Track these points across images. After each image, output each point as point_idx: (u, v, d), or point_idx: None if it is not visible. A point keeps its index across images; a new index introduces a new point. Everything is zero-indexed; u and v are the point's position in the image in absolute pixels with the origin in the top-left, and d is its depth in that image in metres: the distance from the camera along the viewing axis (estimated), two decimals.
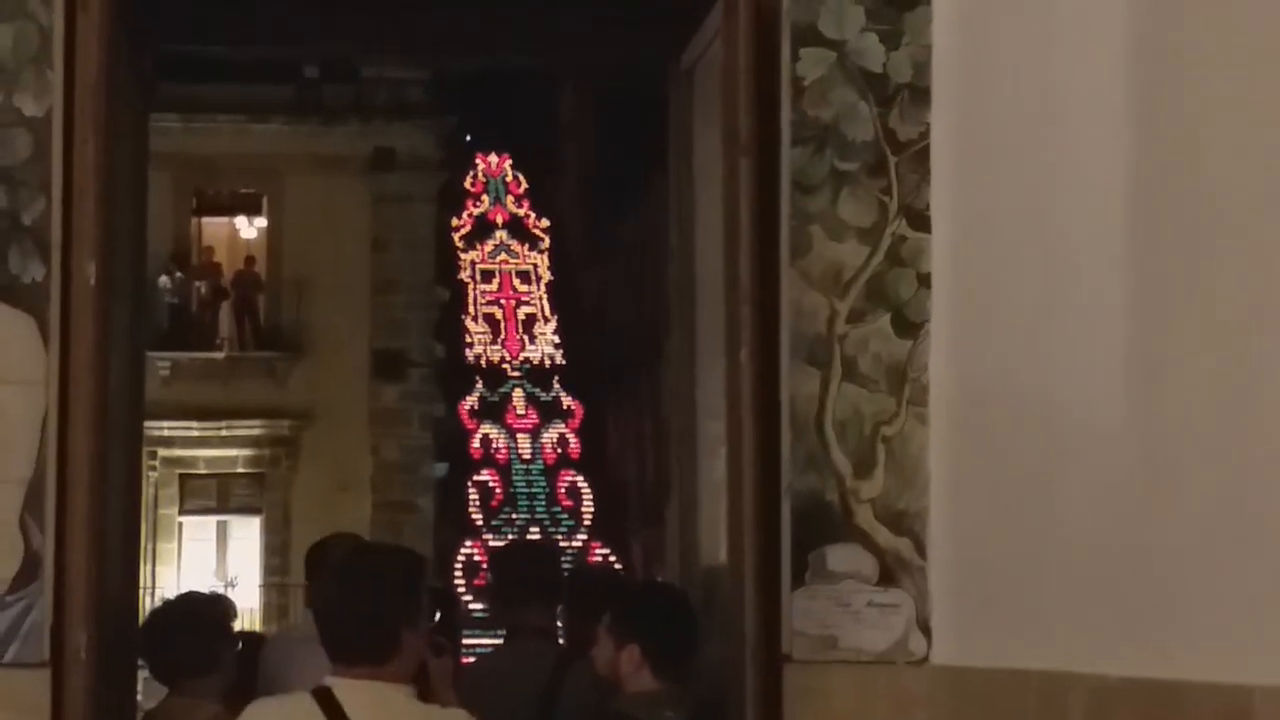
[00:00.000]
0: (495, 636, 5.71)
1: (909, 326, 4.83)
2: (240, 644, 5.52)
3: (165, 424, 25.10)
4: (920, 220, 4.84)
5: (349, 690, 3.74)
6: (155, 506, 25.55)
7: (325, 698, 3.73)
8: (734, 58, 4.80)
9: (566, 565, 5.66)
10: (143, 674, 5.49)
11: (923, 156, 4.85)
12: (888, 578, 4.78)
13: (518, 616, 5.35)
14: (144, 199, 5.40)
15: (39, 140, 4.63)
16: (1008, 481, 4.51)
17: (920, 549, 4.79)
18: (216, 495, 26.46)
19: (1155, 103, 3.93)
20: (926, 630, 4.77)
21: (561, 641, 5.48)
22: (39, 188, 4.62)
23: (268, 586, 23.35)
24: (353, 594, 3.81)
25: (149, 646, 5.18)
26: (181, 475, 26.31)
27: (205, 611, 5.29)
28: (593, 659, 4.73)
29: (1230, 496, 3.58)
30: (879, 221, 4.84)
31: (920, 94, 4.85)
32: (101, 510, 4.60)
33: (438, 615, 4.72)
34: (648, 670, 4.55)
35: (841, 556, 4.77)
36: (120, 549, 4.96)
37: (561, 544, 29.97)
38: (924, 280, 4.83)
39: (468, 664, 5.41)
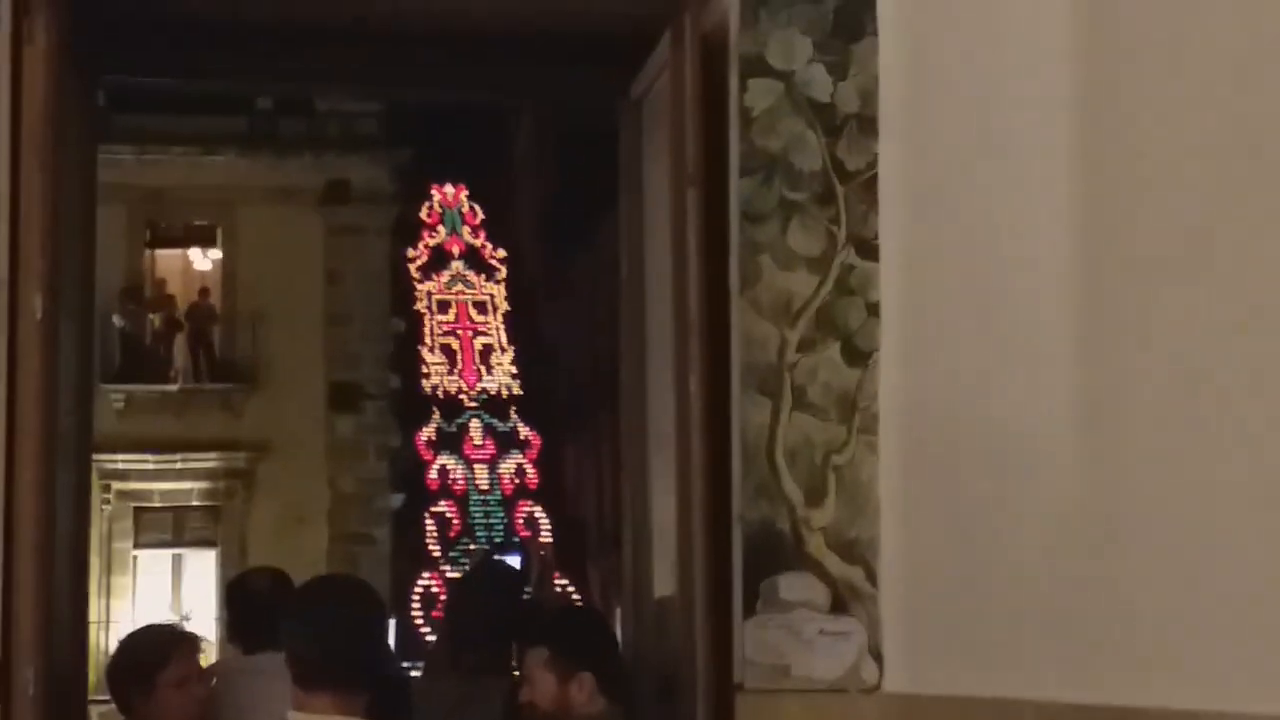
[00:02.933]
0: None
1: (858, 355, 4.84)
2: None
3: (120, 457, 24.97)
4: (869, 249, 4.86)
5: None
6: (109, 540, 25.40)
7: None
8: (681, 88, 4.83)
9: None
10: (97, 709, 5.44)
11: (870, 186, 4.86)
12: (839, 606, 4.78)
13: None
14: (93, 231, 5.37)
15: None
16: (958, 510, 4.52)
17: (871, 577, 4.79)
18: (172, 528, 26.32)
19: (1100, 134, 3.97)
20: (879, 658, 4.77)
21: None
22: None
23: (223, 619, 23.21)
24: (321, 625, 3.76)
25: (112, 680, 5.12)
26: (136, 508, 26.16)
27: (169, 644, 5.23)
28: (529, 698, 4.67)
29: (1179, 525, 3.60)
30: (828, 251, 4.85)
31: (868, 123, 4.87)
32: (49, 544, 4.57)
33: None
34: (600, 696, 4.55)
35: (793, 585, 4.77)
36: (69, 583, 4.92)
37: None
38: (873, 309, 4.84)
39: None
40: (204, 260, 27.01)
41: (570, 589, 28.04)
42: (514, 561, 5.81)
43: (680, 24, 4.86)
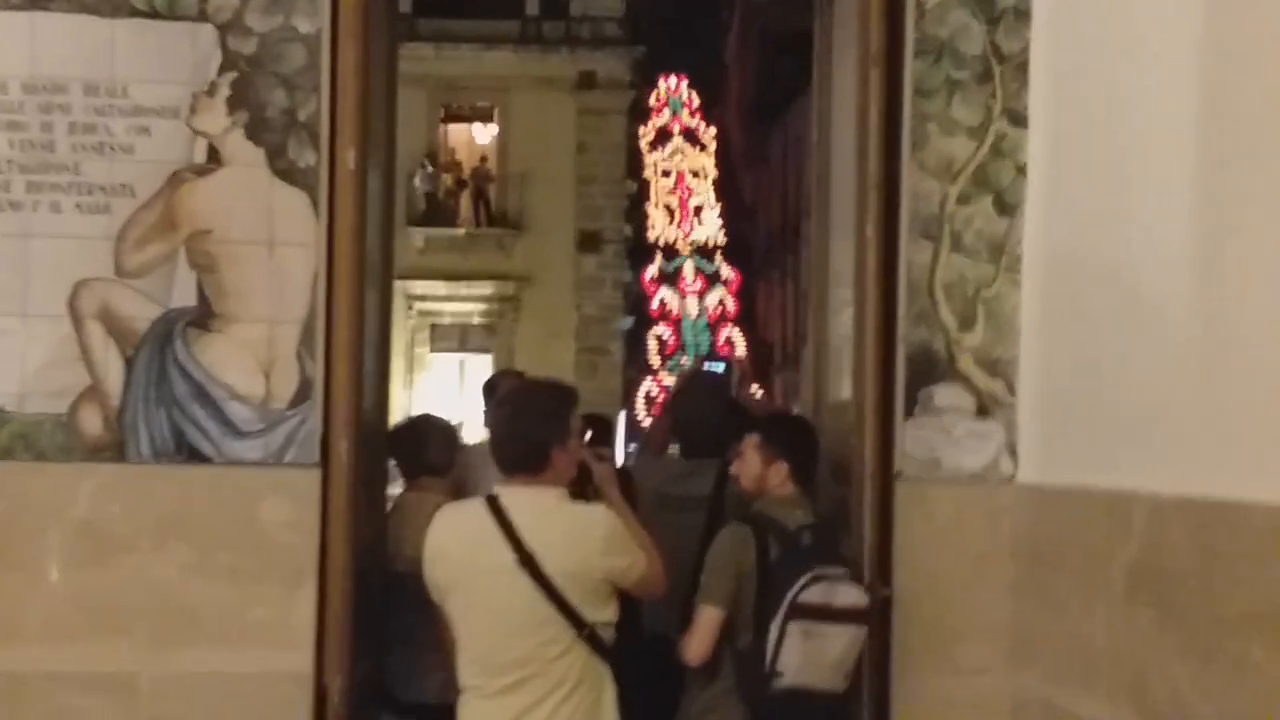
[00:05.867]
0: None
1: (1007, 207, 4.56)
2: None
3: (420, 283, 25.30)
4: (1019, 119, 4.55)
5: (511, 495, 3.69)
6: (412, 346, 25.85)
7: (493, 502, 3.68)
8: None
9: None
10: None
11: (1023, 66, 4.55)
12: (983, 411, 4.56)
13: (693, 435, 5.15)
14: (394, 106, 5.23)
15: (311, 52, 4.50)
16: (1087, 333, 4.25)
17: (1011, 388, 4.56)
18: (458, 339, 26.73)
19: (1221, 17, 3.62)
20: (1014, 454, 4.54)
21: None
22: (311, 90, 4.49)
23: None
24: (511, 419, 3.74)
25: (404, 450, 5.10)
26: (432, 324, 26.61)
27: (446, 428, 5.20)
28: (737, 471, 4.54)
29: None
30: (984, 120, 4.56)
31: (1022, 14, 4.55)
32: (360, 345, 4.52)
33: (589, 434, 4.54)
34: (790, 482, 4.39)
35: (945, 394, 4.55)
36: (375, 376, 4.88)
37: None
38: (1021, 169, 4.55)
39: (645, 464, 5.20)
40: (484, 134, 27.08)
41: (761, 393, 28.05)
42: (719, 370, 5.63)
43: None
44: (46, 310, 4.39)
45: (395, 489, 5.23)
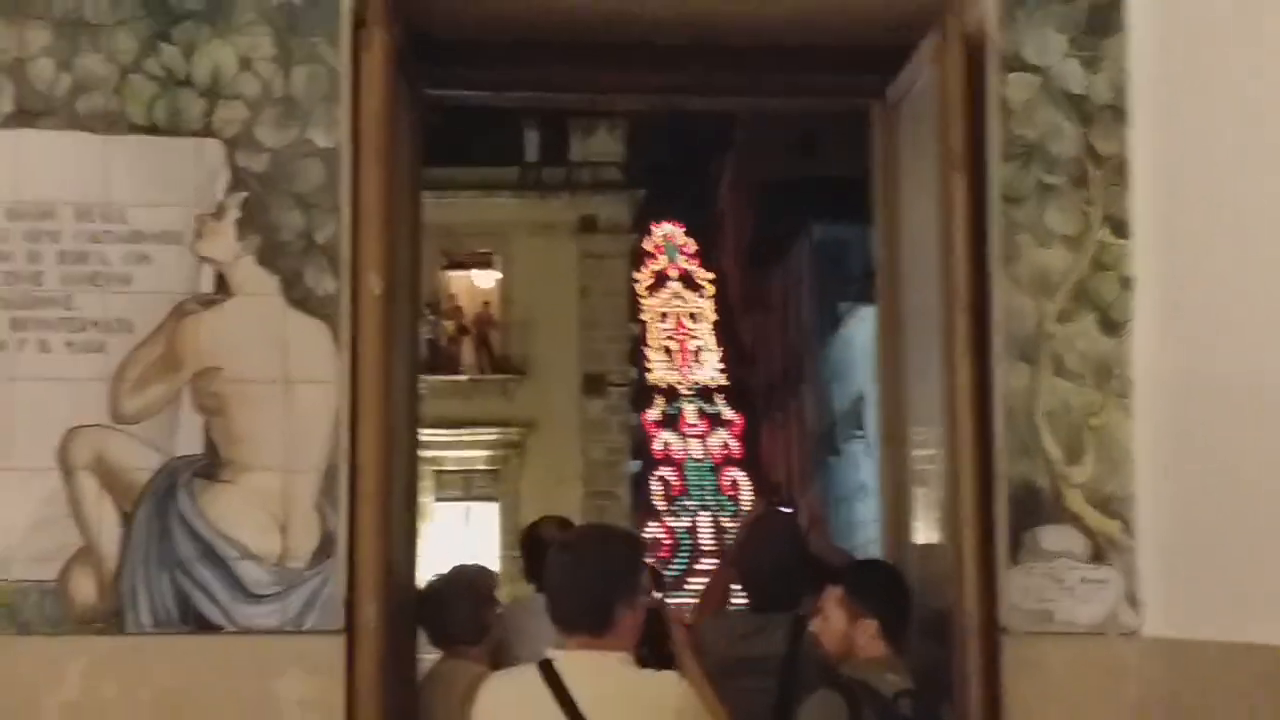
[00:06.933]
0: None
1: (1113, 325, 4.03)
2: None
3: (423, 431, 24.77)
4: (1121, 228, 4.04)
5: (569, 661, 3.16)
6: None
7: (548, 668, 3.15)
8: (947, 82, 4.05)
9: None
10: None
11: (1121, 169, 4.05)
12: (1098, 556, 3.97)
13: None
14: (419, 227, 4.72)
15: (329, 168, 4.02)
16: (1217, 465, 3.71)
17: (1129, 529, 3.97)
18: (462, 487, 26.26)
19: None
20: (1135, 604, 3.95)
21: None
22: (330, 210, 4.01)
23: (505, 558, 22.85)
24: (574, 569, 3.21)
25: (429, 616, 4.48)
26: (435, 471, 26.22)
27: (479, 584, 4.55)
28: (819, 630, 3.95)
29: None
30: (1083, 229, 4.05)
31: (1119, 113, 4.06)
32: (388, 494, 3.98)
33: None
34: (880, 641, 3.79)
35: (1054, 536, 3.98)
36: (403, 530, 4.31)
37: (724, 525, 29.69)
38: (1126, 283, 4.03)
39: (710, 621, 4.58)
40: (485, 279, 26.95)
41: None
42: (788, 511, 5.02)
43: (944, 24, 4.09)
44: (33, 462, 3.93)
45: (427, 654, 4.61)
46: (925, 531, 4.36)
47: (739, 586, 4.60)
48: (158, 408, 3.96)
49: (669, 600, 5.85)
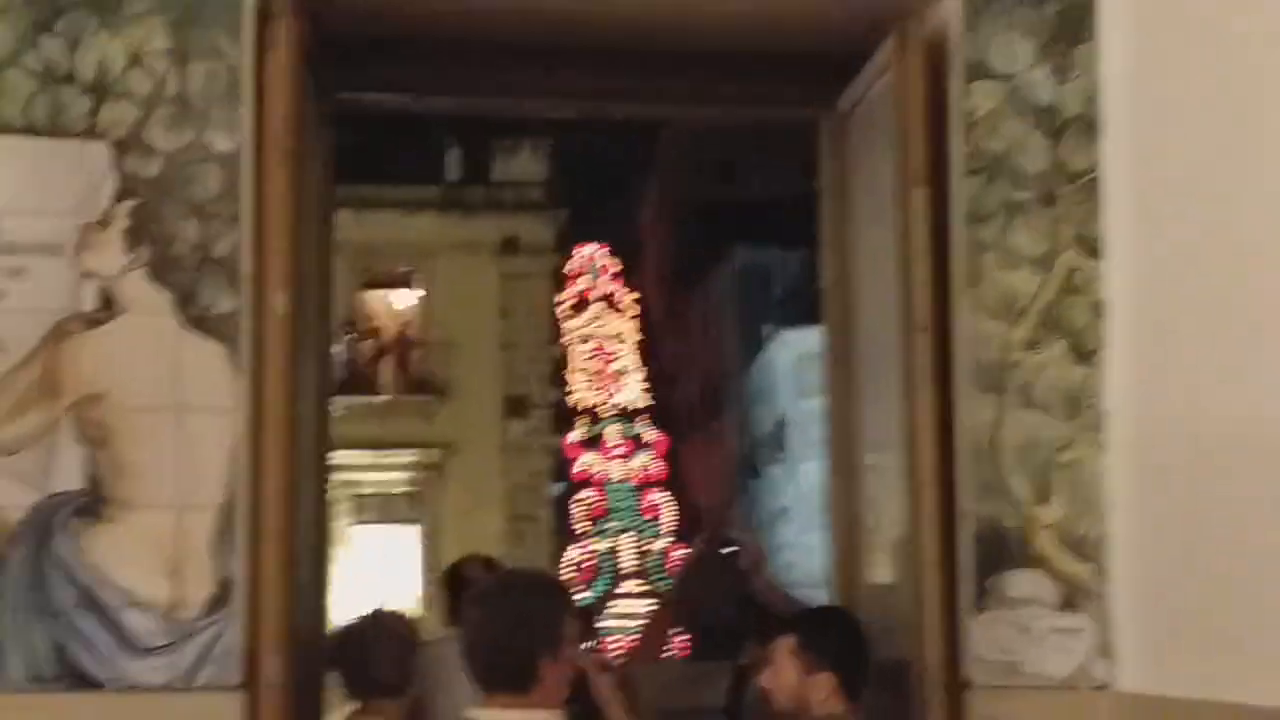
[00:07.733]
0: None
1: (1085, 354, 3.71)
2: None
3: (339, 453, 24.24)
4: (1093, 249, 3.73)
5: None
6: (329, 520, 24.72)
7: None
8: (905, 91, 3.73)
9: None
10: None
11: (1093, 186, 3.74)
12: (1069, 603, 3.65)
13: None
14: (329, 240, 4.33)
15: (229, 175, 3.61)
16: (1199, 507, 3.39)
17: (1102, 574, 3.65)
18: (381, 509, 25.78)
19: None
20: (1109, 655, 3.63)
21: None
22: (229, 221, 3.60)
23: (429, 580, 22.42)
24: (488, 623, 2.88)
25: (349, 660, 4.01)
26: (353, 495, 25.78)
27: (400, 631, 4.10)
28: (769, 683, 3.58)
29: None
30: (1051, 250, 3.73)
31: (1091, 125, 3.75)
32: (294, 533, 3.58)
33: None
34: (837, 697, 3.44)
35: (1022, 582, 3.65)
36: (311, 572, 3.90)
37: (646, 547, 29.44)
38: (1098, 308, 3.71)
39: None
40: (406, 299, 26.55)
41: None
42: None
43: (904, 28, 3.76)
44: None
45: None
46: (878, 571, 4.01)
47: (678, 631, 4.23)
48: (33, 439, 3.54)
49: (596, 634, 5.48)
